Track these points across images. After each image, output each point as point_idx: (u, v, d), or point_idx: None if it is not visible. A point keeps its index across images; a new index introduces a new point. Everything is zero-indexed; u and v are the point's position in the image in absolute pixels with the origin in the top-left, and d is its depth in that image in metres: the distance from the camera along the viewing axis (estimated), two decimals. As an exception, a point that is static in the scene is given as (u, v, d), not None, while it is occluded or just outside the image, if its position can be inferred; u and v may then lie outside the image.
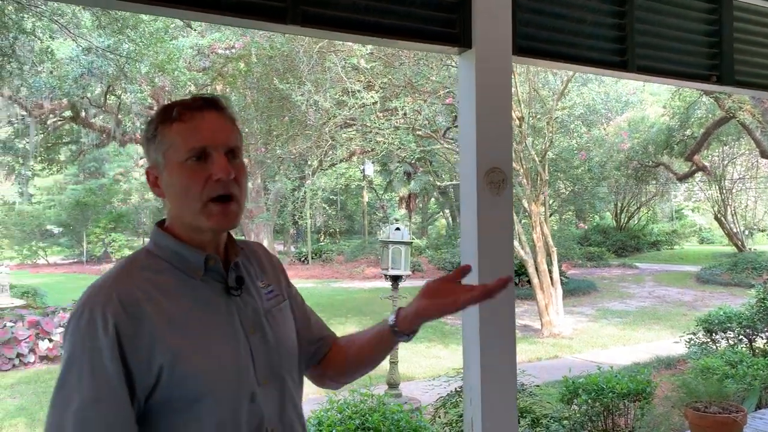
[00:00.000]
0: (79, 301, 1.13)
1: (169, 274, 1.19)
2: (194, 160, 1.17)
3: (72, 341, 1.10)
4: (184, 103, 1.21)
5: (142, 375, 1.10)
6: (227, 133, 1.21)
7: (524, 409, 4.27)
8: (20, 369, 8.60)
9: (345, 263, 22.62)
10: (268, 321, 1.27)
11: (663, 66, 2.89)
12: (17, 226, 25.07)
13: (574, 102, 12.99)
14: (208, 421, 1.13)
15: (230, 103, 1.29)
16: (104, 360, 1.07)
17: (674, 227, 29.65)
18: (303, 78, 10.24)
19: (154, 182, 1.23)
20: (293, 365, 1.32)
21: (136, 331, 1.09)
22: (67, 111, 16.31)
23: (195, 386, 1.12)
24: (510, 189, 2.46)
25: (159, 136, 1.20)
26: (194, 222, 1.20)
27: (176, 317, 1.14)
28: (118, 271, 1.18)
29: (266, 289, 1.33)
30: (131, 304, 1.11)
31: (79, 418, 1.06)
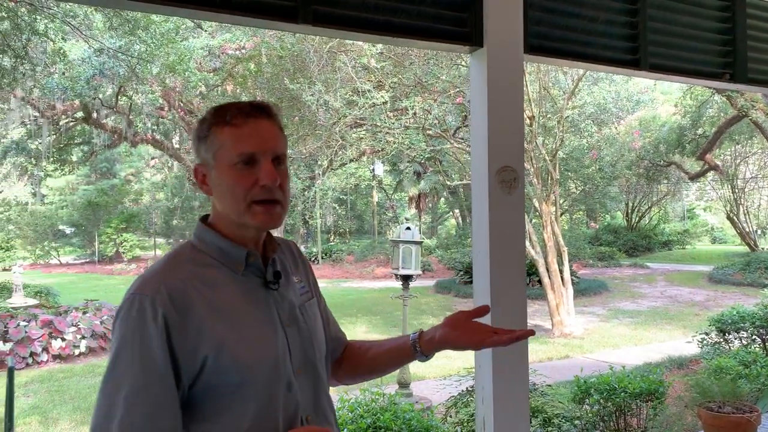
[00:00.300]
0: (129, 292, 1.18)
1: (213, 268, 1.25)
2: (243, 164, 1.22)
3: (122, 329, 1.16)
4: (239, 107, 1.26)
5: (188, 363, 1.15)
6: (276, 140, 1.26)
7: (536, 409, 4.25)
8: (34, 368, 8.67)
9: (355, 263, 22.64)
10: (302, 314, 1.34)
11: (675, 64, 2.87)
12: (30, 226, 25.27)
13: (584, 101, 12.93)
14: (248, 408, 1.19)
15: (280, 111, 1.34)
16: (153, 348, 1.13)
17: (686, 227, 29.47)
18: (313, 78, 10.26)
19: (201, 179, 1.29)
20: (323, 357, 1.39)
21: (183, 322, 1.15)
22: (79, 112, 16.41)
23: (236, 375, 1.18)
24: (522, 188, 2.45)
25: (211, 137, 1.25)
26: (239, 220, 1.25)
27: (220, 309, 1.20)
28: (165, 263, 1.24)
29: (300, 284, 1.40)
30: (179, 295, 1.16)
31: (129, 403, 1.11)
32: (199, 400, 1.18)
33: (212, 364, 1.16)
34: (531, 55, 2.50)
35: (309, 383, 1.31)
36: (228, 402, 1.18)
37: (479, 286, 2.47)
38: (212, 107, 1.30)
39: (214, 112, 1.27)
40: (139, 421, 1.11)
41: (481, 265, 2.43)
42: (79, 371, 8.54)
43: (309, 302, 1.40)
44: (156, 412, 1.12)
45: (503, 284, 2.42)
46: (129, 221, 26.64)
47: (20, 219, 25.72)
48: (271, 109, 1.29)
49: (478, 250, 2.46)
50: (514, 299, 2.44)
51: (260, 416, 1.20)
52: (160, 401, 1.13)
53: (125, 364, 1.14)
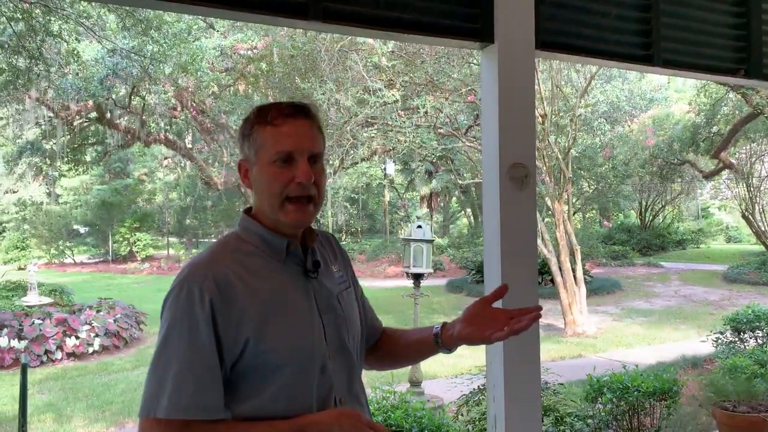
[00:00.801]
0: (178, 278, 1.28)
1: (256, 257, 1.34)
2: (280, 162, 1.31)
3: (172, 312, 1.25)
4: (279, 107, 1.35)
5: (231, 345, 1.24)
6: (313, 140, 1.35)
7: (548, 408, 4.23)
8: (48, 366, 8.74)
9: (366, 262, 22.64)
10: (339, 302, 1.42)
11: (689, 60, 2.83)
12: (45, 225, 25.49)
13: (597, 99, 12.87)
14: (283, 388, 1.27)
15: (318, 111, 1.43)
16: (200, 331, 1.22)
17: (700, 226, 29.21)
18: (324, 77, 10.26)
19: (244, 174, 1.39)
20: (358, 344, 1.47)
21: (227, 307, 1.24)
22: (92, 112, 16.53)
23: (274, 358, 1.26)
24: (533, 185, 2.43)
25: (253, 135, 1.35)
26: (273, 216, 1.34)
27: (262, 295, 1.29)
28: (212, 252, 1.34)
29: (338, 273, 1.49)
30: (224, 283, 1.25)
31: (178, 381, 1.20)
32: (239, 380, 1.26)
33: (253, 346, 1.24)
34: (542, 51, 2.49)
35: (343, 367, 1.39)
36: (265, 382, 1.26)
37: (490, 285, 2.45)
38: (255, 107, 1.40)
39: (257, 112, 1.37)
40: (187, 397, 1.20)
41: (493, 263, 2.42)
42: (93, 369, 8.60)
43: (346, 291, 1.48)
44: (202, 390, 1.21)
45: (515, 282, 2.39)
46: (142, 221, 26.80)
47: (35, 218, 25.94)
48: (309, 109, 1.38)
49: (490, 248, 2.44)
50: (526, 298, 2.42)
51: (295, 396, 1.28)
52: (206, 380, 1.21)
53: (174, 345, 1.23)
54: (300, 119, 1.34)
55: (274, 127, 1.32)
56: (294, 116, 1.34)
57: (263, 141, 1.32)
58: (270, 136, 1.32)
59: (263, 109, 1.36)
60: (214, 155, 17.74)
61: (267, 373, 1.26)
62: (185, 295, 1.24)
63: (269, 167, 1.32)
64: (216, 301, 1.23)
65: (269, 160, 1.32)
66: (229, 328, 1.23)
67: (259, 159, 1.33)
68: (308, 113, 1.36)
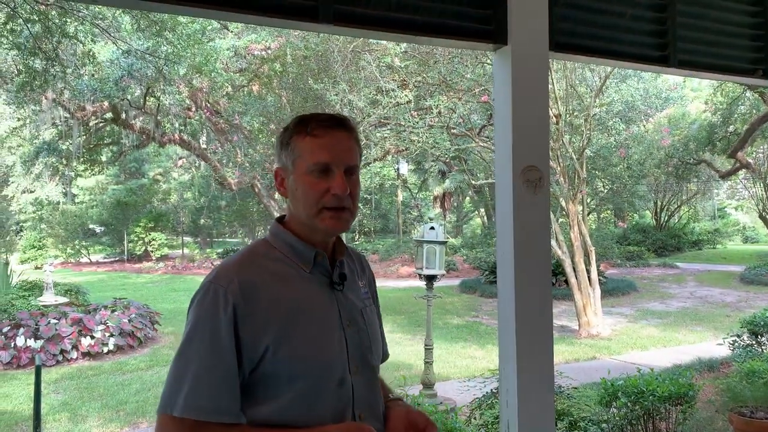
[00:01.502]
0: (206, 280, 1.31)
1: (283, 264, 1.36)
2: (318, 173, 1.33)
3: (197, 314, 1.28)
4: (319, 119, 1.38)
5: (250, 351, 1.26)
6: (350, 152, 1.38)
7: (562, 412, 4.19)
8: (64, 365, 8.81)
9: (379, 262, 22.62)
10: (363, 316, 1.44)
11: (705, 60, 2.80)
12: (61, 225, 25.71)
13: (612, 99, 12.75)
14: (299, 398, 1.28)
15: (356, 125, 1.49)
16: (222, 334, 1.24)
17: (716, 226, 28.89)
18: (337, 78, 10.27)
19: (280, 182, 1.42)
20: (379, 359, 1.49)
21: (250, 313, 1.26)
22: (108, 113, 16.66)
23: (291, 367, 1.27)
24: (547, 188, 2.41)
25: (292, 144, 1.37)
26: (310, 223, 1.36)
27: (286, 303, 1.30)
28: (241, 257, 1.37)
29: (363, 289, 1.51)
30: (249, 289, 1.27)
31: (196, 380, 1.23)
32: (256, 386, 1.28)
33: (271, 354, 1.26)
34: (556, 53, 2.46)
35: (364, 383, 1.39)
36: (281, 390, 1.27)
37: (503, 287, 2.43)
38: (295, 117, 1.42)
39: (296, 122, 1.39)
40: (203, 398, 1.22)
41: (506, 267, 2.40)
42: (108, 369, 8.66)
43: (370, 307, 1.50)
44: (219, 391, 1.23)
45: (528, 284, 2.38)
46: (157, 220, 26.98)
47: (52, 218, 26.17)
48: (348, 122, 1.41)
49: (503, 251, 2.42)
50: (540, 299, 2.40)
51: (310, 406, 1.28)
52: (223, 382, 1.24)
53: (196, 344, 1.26)
54: (339, 131, 1.37)
55: (313, 137, 1.34)
56: (333, 128, 1.36)
57: (301, 151, 1.35)
58: (308, 147, 1.34)
59: (303, 120, 1.38)
60: (228, 155, 17.82)
61: (283, 381, 1.27)
62: (210, 297, 1.27)
63: (306, 177, 1.34)
64: (239, 305, 1.25)
65: (306, 170, 1.34)
66: (250, 334, 1.25)
67: (296, 168, 1.35)
68: (347, 126, 1.40)
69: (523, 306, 2.36)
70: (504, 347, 2.42)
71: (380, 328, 1.58)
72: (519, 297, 2.35)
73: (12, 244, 26.96)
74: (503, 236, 2.40)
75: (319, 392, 1.29)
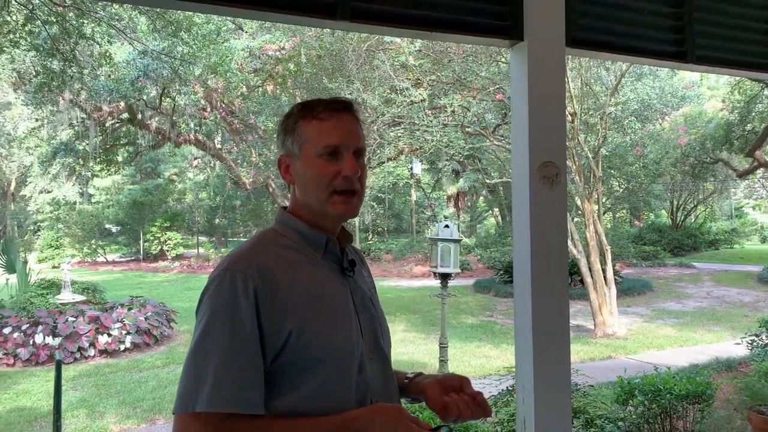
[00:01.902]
0: (219, 268, 1.25)
1: (294, 252, 1.33)
2: (327, 156, 1.32)
3: (213, 303, 1.22)
4: (324, 102, 1.36)
5: (273, 338, 1.21)
6: (357, 135, 1.37)
7: (578, 410, 4.18)
8: (81, 362, 8.90)
9: (393, 262, 22.64)
10: (373, 304, 1.43)
11: (723, 56, 2.77)
12: (78, 225, 25.96)
13: (627, 97, 12.68)
14: (322, 385, 1.25)
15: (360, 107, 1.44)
16: (244, 320, 1.19)
17: (734, 225, 28.61)
18: (351, 77, 10.29)
19: (285, 169, 1.39)
20: (389, 346, 1.47)
21: (272, 297, 1.22)
22: (124, 113, 16.81)
23: (316, 352, 1.24)
24: (564, 184, 2.40)
25: (298, 130, 1.35)
26: (320, 208, 1.34)
27: (305, 288, 1.27)
28: (253, 244, 1.34)
29: (368, 278, 1.51)
30: (268, 273, 1.24)
31: (219, 374, 1.16)
32: (278, 374, 1.23)
33: (295, 339, 1.21)
34: (573, 49, 2.45)
35: (379, 368, 1.37)
36: (305, 378, 1.23)
37: (519, 285, 2.42)
38: (298, 103, 1.40)
39: (301, 107, 1.37)
40: (230, 387, 1.16)
41: (522, 263, 2.39)
42: (125, 366, 8.74)
43: (376, 296, 1.49)
44: (244, 383, 1.18)
45: (544, 282, 2.37)
46: (173, 220, 27.15)
47: (69, 218, 26.43)
48: (353, 105, 1.40)
49: (519, 248, 2.41)
50: (556, 298, 2.39)
51: (333, 393, 1.25)
52: (248, 373, 1.18)
53: (215, 336, 1.19)
54: (345, 114, 1.35)
55: (320, 121, 1.33)
56: (340, 111, 1.35)
57: (309, 135, 1.33)
58: (316, 130, 1.32)
59: (308, 105, 1.36)
60: (242, 155, 17.91)
61: (307, 368, 1.23)
62: (228, 283, 1.21)
63: (315, 160, 1.32)
64: (260, 290, 1.21)
65: (316, 154, 1.32)
66: (273, 319, 1.21)
67: (304, 153, 1.33)
68: (352, 109, 1.38)
69: (540, 301, 2.35)
70: (520, 343, 2.42)
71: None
72: (535, 295, 2.35)
73: (30, 244, 27.29)
74: (520, 232, 2.40)
75: (342, 379, 1.26)
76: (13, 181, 34.10)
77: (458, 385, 1.43)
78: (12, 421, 6.55)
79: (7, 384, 7.86)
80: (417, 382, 1.47)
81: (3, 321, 9.03)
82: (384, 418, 1.22)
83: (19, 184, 32.33)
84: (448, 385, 1.43)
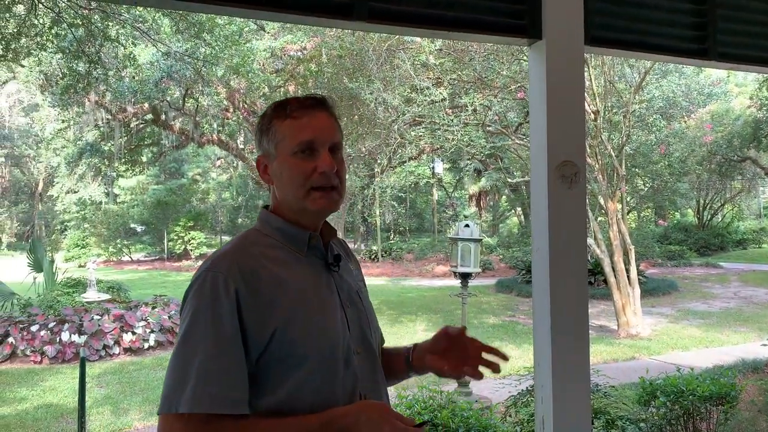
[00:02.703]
0: (201, 269, 1.26)
1: (278, 250, 1.33)
2: (302, 153, 1.31)
3: (195, 303, 1.22)
4: (298, 101, 1.36)
5: (256, 336, 1.21)
6: (332, 130, 1.36)
7: (598, 410, 4.14)
8: (106, 360, 9.04)
9: (415, 261, 22.62)
10: (360, 298, 1.43)
11: (747, 52, 2.72)
12: (104, 224, 26.33)
13: (652, 95, 12.52)
14: (308, 381, 1.25)
15: (335, 103, 1.44)
16: (225, 321, 1.19)
17: (762, 225, 28.09)
18: (372, 76, 10.30)
19: (263, 170, 1.39)
20: (378, 341, 1.47)
21: (253, 297, 1.22)
22: (148, 114, 17.02)
23: (302, 348, 1.24)
24: (583, 183, 2.38)
25: (272, 129, 1.35)
26: (299, 206, 1.34)
27: (288, 285, 1.27)
28: (235, 245, 1.34)
29: (356, 271, 1.51)
30: (249, 272, 1.24)
31: (201, 373, 1.16)
32: (264, 373, 1.23)
33: (280, 336, 1.21)
34: (592, 47, 2.43)
35: (367, 362, 1.37)
36: (290, 374, 1.23)
37: (538, 284, 2.41)
38: (273, 103, 1.40)
39: (274, 107, 1.37)
40: (212, 388, 1.16)
41: (541, 263, 2.38)
42: (149, 364, 8.85)
43: (363, 289, 1.48)
44: (228, 382, 1.17)
45: (564, 282, 2.35)
46: (196, 219, 27.43)
47: (94, 218, 26.83)
48: (327, 101, 1.39)
49: (538, 248, 2.40)
50: (576, 298, 2.37)
51: (320, 389, 1.25)
52: (231, 372, 1.18)
53: (198, 336, 1.19)
54: (319, 111, 1.35)
55: (293, 119, 1.32)
56: (313, 108, 1.35)
57: (283, 134, 1.33)
58: (290, 128, 1.32)
59: (281, 104, 1.36)
60: (264, 155, 18.02)
61: (293, 364, 1.23)
62: (209, 285, 1.21)
63: (291, 158, 1.32)
64: (241, 290, 1.21)
65: (291, 152, 1.32)
66: (255, 319, 1.21)
67: (279, 152, 1.33)
68: (326, 104, 1.38)
69: (559, 300, 2.34)
70: (539, 343, 2.40)
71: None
72: (554, 295, 2.33)
73: (57, 243, 27.76)
74: (538, 232, 2.39)
75: (329, 375, 1.26)
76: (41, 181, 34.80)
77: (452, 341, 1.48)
78: (39, 418, 6.68)
79: (34, 381, 8.01)
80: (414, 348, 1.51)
81: (31, 319, 9.21)
82: (369, 415, 1.22)
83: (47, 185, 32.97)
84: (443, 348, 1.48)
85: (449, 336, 1.48)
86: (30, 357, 8.81)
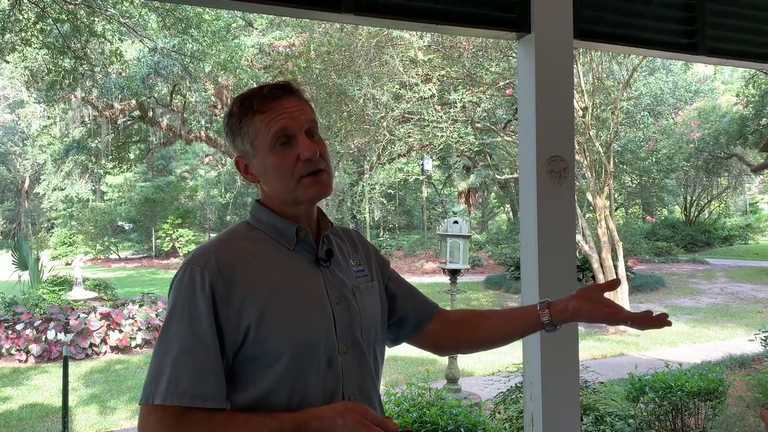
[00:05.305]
0: (183, 263, 1.26)
1: (266, 244, 1.31)
2: (281, 146, 1.28)
3: (175, 296, 1.23)
4: (261, 94, 1.31)
5: (232, 333, 1.20)
6: (304, 113, 1.31)
7: (587, 407, 4.14)
8: (93, 358, 8.96)
9: (404, 258, 22.61)
10: (354, 295, 1.36)
11: (736, 47, 2.72)
12: (91, 222, 26.13)
13: (640, 92, 12.56)
14: (284, 379, 1.22)
15: (299, 85, 1.39)
16: (200, 314, 1.19)
17: (748, 221, 28.32)
18: (361, 72, 10.26)
19: (245, 170, 1.35)
20: (375, 340, 1.40)
21: (229, 293, 1.21)
22: (135, 111, 16.88)
23: (275, 346, 1.21)
24: (572, 178, 2.37)
25: (243, 128, 1.31)
26: (290, 197, 1.31)
27: (267, 281, 1.25)
28: (220, 239, 1.33)
29: (356, 267, 1.43)
30: (227, 268, 1.23)
31: (176, 365, 1.17)
32: (241, 369, 1.23)
33: (254, 333, 1.20)
34: (581, 41, 2.42)
35: (355, 363, 1.32)
36: (266, 371, 1.22)
37: (527, 280, 2.40)
38: (236, 98, 1.35)
39: (240, 104, 1.32)
40: (185, 382, 1.16)
41: (530, 259, 2.37)
42: (136, 363, 8.78)
43: (365, 285, 1.41)
44: (200, 374, 1.17)
45: (553, 277, 2.34)
46: (184, 217, 27.26)
47: (82, 215, 26.62)
48: (291, 85, 1.34)
49: (527, 243, 2.39)
50: (564, 293, 2.36)
51: (296, 388, 1.23)
52: (205, 365, 1.18)
53: (175, 328, 1.20)
54: (285, 98, 1.31)
55: (262, 113, 1.28)
56: (278, 96, 1.30)
57: (256, 130, 1.29)
58: (261, 123, 1.28)
59: (245, 100, 1.32)
60: (253, 152, 17.95)
61: (267, 361, 1.22)
62: (188, 278, 1.22)
63: (270, 153, 1.28)
64: (217, 285, 1.20)
65: (269, 147, 1.28)
66: (230, 315, 1.20)
67: (257, 149, 1.30)
68: (291, 89, 1.33)
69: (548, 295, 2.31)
70: (527, 339, 2.39)
71: (407, 291, 1.53)
72: (543, 290, 2.32)
73: (43, 241, 27.50)
74: (527, 227, 2.37)
75: (307, 373, 1.23)
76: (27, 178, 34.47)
77: (607, 287, 1.44)
78: (24, 417, 6.60)
79: (19, 380, 7.92)
80: (562, 315, 1.43)
81: (16, 317, 9.11)
82: (346, 420, 1.18)
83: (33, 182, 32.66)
84: (591, 296, 1.42)
85: (602, 289, 1.43)
86: (15, 356, 8.72)
